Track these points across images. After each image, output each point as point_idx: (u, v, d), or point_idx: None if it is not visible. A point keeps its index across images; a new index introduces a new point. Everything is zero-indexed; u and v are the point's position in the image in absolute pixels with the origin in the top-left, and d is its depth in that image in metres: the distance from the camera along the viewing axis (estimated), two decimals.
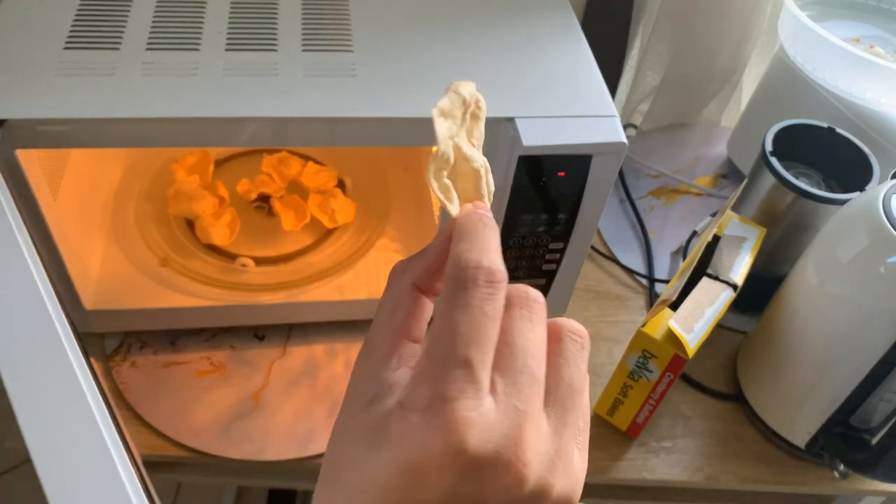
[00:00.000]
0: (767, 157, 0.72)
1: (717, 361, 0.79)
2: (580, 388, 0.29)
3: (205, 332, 0.75)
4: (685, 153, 1.02)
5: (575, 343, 0.29)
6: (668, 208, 0.94)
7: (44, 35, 0.58)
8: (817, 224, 0.71)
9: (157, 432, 0.67)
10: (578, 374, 0.29)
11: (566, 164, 0.57)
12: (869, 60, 0.74)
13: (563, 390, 0.28)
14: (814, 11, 0.84)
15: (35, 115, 0.51)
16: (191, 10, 0.63)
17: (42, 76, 0.54)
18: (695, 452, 0.72)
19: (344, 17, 0.64)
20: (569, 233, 0.63)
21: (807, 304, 0.65)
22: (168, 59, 0.57)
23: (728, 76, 0.99)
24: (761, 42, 0.96)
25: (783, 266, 0.75)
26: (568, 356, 0.29)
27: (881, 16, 0.86)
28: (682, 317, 0.63)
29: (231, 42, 0.60)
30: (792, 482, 0.71)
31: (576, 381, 0.29)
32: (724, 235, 0.72)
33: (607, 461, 0.71)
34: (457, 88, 0.31)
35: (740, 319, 0.81)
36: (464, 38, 0.63)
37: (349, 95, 0.56)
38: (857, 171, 0.72)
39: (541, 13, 0.67)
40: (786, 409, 0.70)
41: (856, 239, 0.60)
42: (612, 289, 0.85)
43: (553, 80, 0.60)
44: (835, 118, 0.77)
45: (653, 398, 0.66)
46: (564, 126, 0.56)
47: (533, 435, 0.26)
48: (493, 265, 0.27)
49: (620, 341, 0.80)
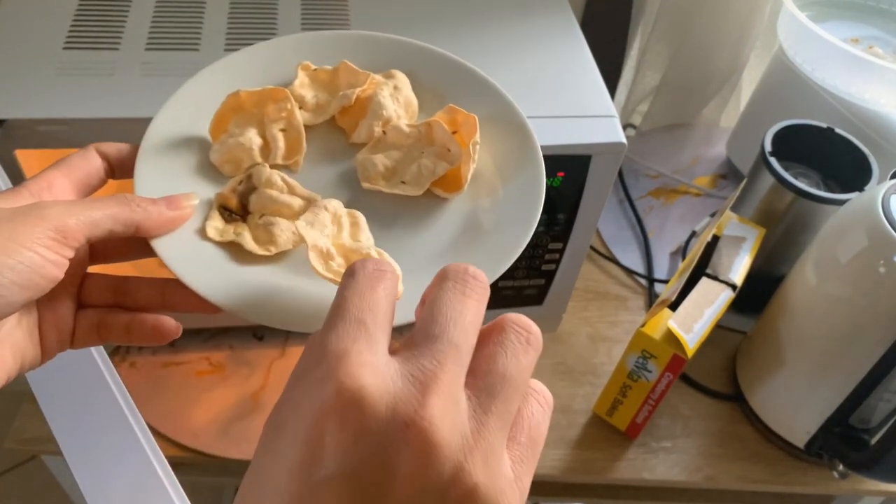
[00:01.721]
0: (767, 158, 0.72)
1: (717, 362, 0.79)
2: (515, 383, 0.26)
3: (204, 332, 0.75)
4: (684, 153, 1.02)
5: (518, 335, 0.27)
6: (668, 208, 0.94)
7: (43, 35, 0.58)
8: (816, 224, 0.71)
9: (157, 432, 0.67)
10: (516, 365, 0.26)
11: (565, 164, 0.57)
12: (868, 61, 0.74)
13: (493, 377, 0.25)
14: (813, 12, 0.84)
15: (35, 115, 0.51)
16: (190, 10, 0.63)
17: (42, 76, 0.54)
18: (694, 452, 0.72)
19: (343, 17, 0.64)
20: (568, 233, 0.63)
21: (806, 304, 0.65)
22: (167, 59, 0.57)
23: (727, 76, 0.99)
24: (760, 42, 0.96)
25: (782, 266, 0.75)
26: (507, 346, 0.26)
27: (880, 16, 0.87)
28: (681, 317, 0.63)
29: (230, 42, 0.60)
30: (791, 482, 0.71)
31: (510, 371, 0.26)
32: (723, 235, 0.72)
33: (607, 461, 0.71)
34: (324, 205, 0.36)
35: (739, 319, 0.81)
36: (463, 38, 0.63)
37: None
38: (856, 171, 0.72)
39: (540, 13, 0.67)
40: (785, 409, 0.70)
41: (855, 239, 0.60)
42: (611, 289, 0.85)
43: (552, 80, 0.60)
44: (834, 118, 0.77)
45: (652, 398, 0.66)
46: (564, 126, 0.56)
47: (442, 398, 0.24)
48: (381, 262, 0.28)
49: (620, 341, 0.80)
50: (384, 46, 0.44)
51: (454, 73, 0.43)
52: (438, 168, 0.39)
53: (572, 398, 0.75)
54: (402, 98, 0.41)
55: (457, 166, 0.38)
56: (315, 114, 0.41)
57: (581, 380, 0.76)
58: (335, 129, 0.42)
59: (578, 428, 0.72)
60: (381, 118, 0.40)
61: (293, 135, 0.40)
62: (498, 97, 0.42)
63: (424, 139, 0.40)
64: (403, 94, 0.41)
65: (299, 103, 0.41)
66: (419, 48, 0.44)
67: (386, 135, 0.40)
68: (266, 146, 0.40)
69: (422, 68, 0.43)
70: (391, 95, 0.41)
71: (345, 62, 0.42)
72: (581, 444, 0.71)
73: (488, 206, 0.38)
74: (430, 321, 0.26)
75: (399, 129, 0.40)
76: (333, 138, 0.42)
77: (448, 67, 0.43)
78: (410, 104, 0.42)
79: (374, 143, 0.40)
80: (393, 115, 0.40)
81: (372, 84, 0.41)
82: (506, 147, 0.40)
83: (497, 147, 0.40)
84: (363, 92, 0.41)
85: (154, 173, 0.37)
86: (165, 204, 0.35)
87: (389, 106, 0.40)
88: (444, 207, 0.39)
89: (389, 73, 0.42)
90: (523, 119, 0.40)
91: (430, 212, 0.39)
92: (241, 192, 0.38)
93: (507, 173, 0.39)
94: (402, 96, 0.41)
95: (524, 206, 0.37)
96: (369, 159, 0.39)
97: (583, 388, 0.75)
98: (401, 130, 0.40)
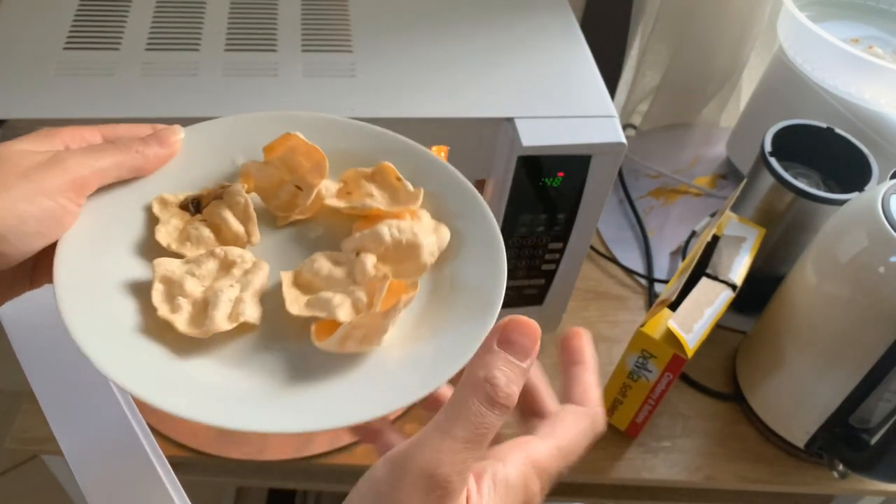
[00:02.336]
0: (766, 158, 0.72)
1: (717, 361, 0.79)
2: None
3: None
4: (684, 153, 1.02)
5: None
6: (668, 208, 0.94)
7: (44, 35, 0.58)
8: (816, 224, 0.72)
9: (157, 432, 0.67)
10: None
11: (565, 165, 0.57)
12: (868, 61, 0.74)
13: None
14: (813, 12, 0.84)
15: (35, 115, 0.51)
16: (190, 10, 0.63)
17: (42, 76, 0.54)
18: (694, 452, 0.72)
19: (344, 17, 0.64)
20: (568, 233, 0.63)
21: (806, 304, 0.65)
22: (168, 59, 0.57)
23: (727, 76, 0.99)
24: (760, 42, 0.96)
25: (782, 266, 0.75)
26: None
27: (880, 16, 0.87)
28: (681, 317, 0.63)
29: (231, 42, 0.60)
30: (791, 482, 0.71)
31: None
32: (723, 235, 0.73)
33: (606, 461, 0.71)
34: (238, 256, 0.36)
35: (739, 319, 0.81)
36: (463, 39, 0.63)
37: (349, 95, 0.56)
38: (856, 171, 0.72)
39: (540, 13, 0.67)
40: (785, 409, 0.70)
41: (855, 239, 0.60)
42: (611, 289, 0.85)
43: (552, 81, 0.60)
44: (834, 118, 0.77)
45: (652, 398, 0.66)
46: (564, 126, 0.56)
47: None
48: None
49: (619, 341, 0.80)
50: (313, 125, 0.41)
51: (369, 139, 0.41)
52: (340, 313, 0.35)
53: None
54: (405, 240, 0.37)
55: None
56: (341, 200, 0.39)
57: None
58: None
59: None
60: (378, 248, 0.37)
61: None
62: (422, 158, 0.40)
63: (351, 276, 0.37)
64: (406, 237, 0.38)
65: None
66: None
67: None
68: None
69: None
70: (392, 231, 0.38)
71: (384, 166, 0.39)
72: None
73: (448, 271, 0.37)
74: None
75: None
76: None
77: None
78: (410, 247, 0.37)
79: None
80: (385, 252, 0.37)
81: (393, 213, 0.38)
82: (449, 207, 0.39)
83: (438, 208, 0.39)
84: (372, 210, 0.38)
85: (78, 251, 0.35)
86: (157, 143, 0.36)
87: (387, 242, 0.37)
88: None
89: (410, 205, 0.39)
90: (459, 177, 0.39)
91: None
92: (216, 195, 0.38)
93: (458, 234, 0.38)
94: (405, 238, 0.37)
95: (487, 259, 0.36)
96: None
97: None
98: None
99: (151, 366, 0.32)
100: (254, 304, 0.35)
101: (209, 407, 0.31)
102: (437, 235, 0.38)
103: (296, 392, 0.32)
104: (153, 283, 0.34)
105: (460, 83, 0.58)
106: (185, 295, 0.34)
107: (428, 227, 0.38)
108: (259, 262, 0.37)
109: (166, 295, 0.34)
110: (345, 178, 0.40)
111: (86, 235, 0.35)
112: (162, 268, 0.35)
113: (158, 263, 0.35)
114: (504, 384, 0.27)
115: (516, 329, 0.29)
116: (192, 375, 0.33)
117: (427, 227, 0.38)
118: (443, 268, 0.38)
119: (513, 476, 0.28)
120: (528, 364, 0.29)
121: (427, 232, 0.37)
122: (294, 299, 0.35)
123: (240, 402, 0.32)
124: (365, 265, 0.36)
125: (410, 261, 0.37)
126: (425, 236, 0.37)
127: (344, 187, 0.40)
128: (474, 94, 0.58)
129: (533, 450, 0.30)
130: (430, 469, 0.26)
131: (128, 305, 0.34)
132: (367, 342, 0.33)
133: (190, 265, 0.36)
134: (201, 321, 0.34)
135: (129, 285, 0.35)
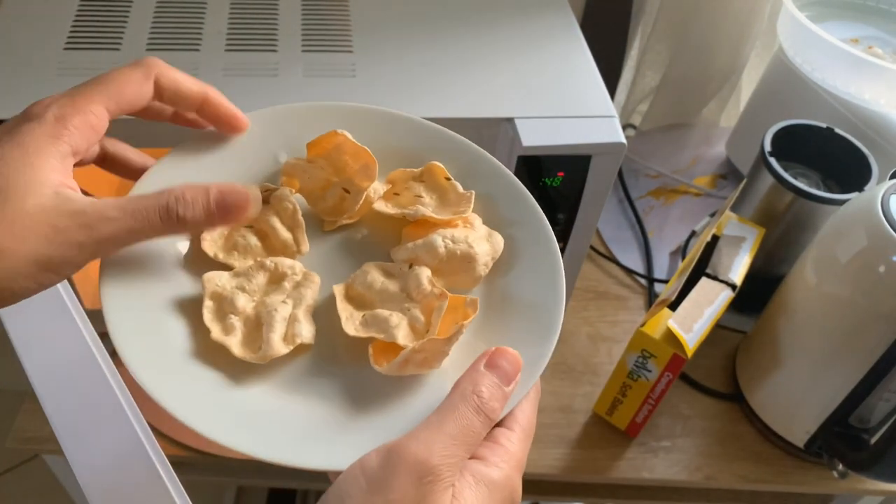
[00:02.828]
0: (766, 158, 0.72)
1: (717, 361, 0.79)
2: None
3: None
4: (684, 153, 1.02)
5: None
6: (668, 208, 0.94)
7: (44, 35, 0.58)
8: (816, 224, 0.72)
9: (158, 432, 0.67)
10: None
11: (565, 165, 0.57)
12: (868, 61, 0.74)
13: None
14: (813, 12, 0.84)
15: None
16: (191, 10, 0.63)
17: (42, 76, 0.55)
18: (694, 452, 0.72)
19: (344, 17, 0.64)
20: (568, 233, 0.63)
21: (806, 303, 0.65)
22: (168, 59, 0.57)
23: (727, 76, 0.99)
24: (760, 42, 0.96)
25: (782, 266, 0.75)
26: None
27: (880, 16, 0.87)
28: (681, 317, 0.64)
29: (231, 42, 0.60)
30: (791, 482, 0.71)
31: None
32: (723, 235, 0.73)
33: (606, 461, 0.71)
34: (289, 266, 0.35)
35: (739, 319, 0.81)
36: (463, 39, 0.63)
37: (349, 96, 0.56)
38: (856, 171, 0.72)
39: (540, 13, 0.67)
40: (785, 409, 0.70)
41: (854, 239, 0.60)
42: (611, 289, 0.85)
43: (552, 81, 0.60)
44: (833, 118, 0.77)
45: (652, 398, 0.67)
46: (564, 126, 0.56)
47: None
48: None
49: (619, 341, 0.80)
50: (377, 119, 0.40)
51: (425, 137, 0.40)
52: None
53: (572, 398, 0.75)
54: (460, 251, 0.36)
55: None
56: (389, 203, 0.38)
57: (581, 379, 0.76)
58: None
59: (578, 427, 0.72)
60: (433, 258, 0.36)
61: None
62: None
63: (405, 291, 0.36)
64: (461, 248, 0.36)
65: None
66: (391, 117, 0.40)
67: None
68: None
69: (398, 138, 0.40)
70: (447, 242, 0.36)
71: (433, 166, 0.38)
72: (581, 443, 0.71)
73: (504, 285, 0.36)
74: None
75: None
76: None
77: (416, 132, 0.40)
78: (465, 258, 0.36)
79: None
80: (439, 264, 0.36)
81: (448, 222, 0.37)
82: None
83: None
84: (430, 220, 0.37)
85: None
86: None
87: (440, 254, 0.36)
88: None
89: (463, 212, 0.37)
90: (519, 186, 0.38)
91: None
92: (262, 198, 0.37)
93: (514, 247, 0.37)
94: (459, 249, 0.36)
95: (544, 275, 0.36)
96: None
97: (583, 388, 0.75)
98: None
99: (208, 396, 0.31)
100: (308, 323, 0.34)
101: (273, 443, 0.30)
102: (490, 244, 0.37)
103: (358, 422, 0.32)
104: (203, 300, 0.33)
105: (460, 83, 0.58)
106: (237, 312, 0.33)
107: (481, 235, 0.37)
108: (310, 275, 0.35)
109: (217, 313, 0.33)
110: (392, 179, 0.39)
111: (129, 251, 0.34)
112: (212, 283, 0.34)
113: (208, 279, 0.34)
114: (488, 398, 0.31)
115: (503, 356, 0.32)
116: (249, 405, 0.32)
117: (480, 235, 0.37)
118: (494, 279, 0.36)
119: (496, 475, 0.30)
120: (509, 389, 0.32)
121: (480, 240, 0.36)
122: (349, 317, 0.34)
123: (303, 437, 0.31)
124: (420, 280, 0.35)
125: (465, 273, 0.36)
126: (479, 245, 0.36)
127: (391, 188, 0.39)
128: (474, 94, 0.58)
129: (508, 444, 0.32)
130: (423, 457, 0.28)
131: (178, 326, 0.33)
132: (427, 365, 0.33)
133: (240, 279, 0.34)
134: (255, 342, 0.33)
135: (177, 303, 0.34)
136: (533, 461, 0.69)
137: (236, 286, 0.34)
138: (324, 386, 0.33)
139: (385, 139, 0.39)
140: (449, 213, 0.37)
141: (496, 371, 0.31)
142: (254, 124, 0.38)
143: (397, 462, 0.28)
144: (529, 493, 0.75)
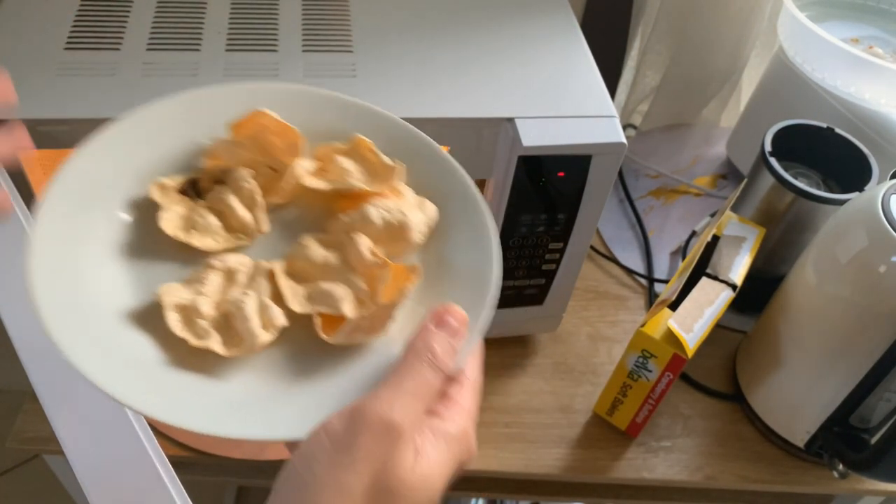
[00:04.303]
0: (767, 158, 0.72)
1: (717, 361, 0.79)
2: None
3: None
4: (684, 153, 1.02)
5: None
6: (668, 208, 0.94)
7: (44, 35, 0.58)
8: (816, 224, 0.72)
9: (158, 432, 0.67)
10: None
11: (566, 165, 0.57)
12: (868, 61, 0.74)
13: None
14: (813, 12, 0.84)
15: (36, 115, 0.51)
16: (191, 10, 0.63)
17: (43, 76, 0.54)
18: (694, 452, 0.72)
19: (344, 17, 0.64)
20: (568, 233, 0.63)
21: (806, 303, 0.65)
22: (168, 59, 0.57)
23: (727, 76, 0.99)
24: (760, 42, 0.96)
25: (782, 266, 0.75)
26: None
27: (880, 16, 0.87)
28: (681, 317, 0.64)
29: (231, 42, 0.60)
30: (791, 482, 0.71)
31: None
32: (723, 235, 0.73)
33: (607, 461, 0.71)
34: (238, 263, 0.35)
35: (739, 319, 0.81)
36: (463, 39, 0.63)
37: (349, 95, 0.56)
38: (856, 171, 0.72)
39: (540, 13, 0.67)
40: (785, 409, 0.70)
41: (855, 239, 0.60)
42: (611, 289, 0.85)
43: (552, 81, 0.60)
44: (834, 118, 0.77)
45: (652, 398, 0.67)
46: (564, 126, 0.56)
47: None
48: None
49: (620, 341, 0.80)
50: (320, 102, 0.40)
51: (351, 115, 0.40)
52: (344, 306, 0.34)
53: (572, 398, 0.75)
54: (396, 220, 0.36)
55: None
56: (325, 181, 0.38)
57: (581, 379, 0.76)
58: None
59: (579, 427, 0.72)
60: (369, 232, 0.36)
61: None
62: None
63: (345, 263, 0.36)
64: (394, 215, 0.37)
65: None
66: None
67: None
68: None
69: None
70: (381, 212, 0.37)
71: (358, 139, 0.38)
72: (581, 443, 0.71)
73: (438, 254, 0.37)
74: None
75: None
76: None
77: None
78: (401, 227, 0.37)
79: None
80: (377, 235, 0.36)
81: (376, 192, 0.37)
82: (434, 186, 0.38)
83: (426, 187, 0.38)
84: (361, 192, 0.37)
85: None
86: None
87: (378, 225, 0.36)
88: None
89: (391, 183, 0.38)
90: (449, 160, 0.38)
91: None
92: (215, 178, 0.37)
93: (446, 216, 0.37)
94: (395, 218, 0.36)
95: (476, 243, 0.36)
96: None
97: (583, 388, 0.76)
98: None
99: (194, 397, 0.32)
100: (276, 307, 0.34)
101: (223, 419, 0.31)
102: (423, 212, 0.37)
103: (311, 390, 0.32)
104: (166, 314, 0.33)
105: (461, 83, 0.58)
106: (203, 317, 0.33)
107: (413, 203, 0.37)
108: (259, 264, 0.36)
109: (185, 321, 0.33)
110: (319, 156, 0.39)
111: (58, 261, 0.32)
112: (170, 296, 0.33)
113: (165, 292, 0.33)
114: (441, 354, 0.32)
115: (449, 313, 0.33)
116: (200, 383, 0.32)
117: (412, 204, 0.37)
118: (428, 246, 0.37)
119: (452, 429, 0.31)
120: (459, 344, 0.33)
121: (413, 209, 0.37)
122: (293, 294, 0.34)
123: (259, 409, 0.31)
124: (360, 249, 0.35)
125: (401, 241, 0.36)
126: (413, 214, 0.36)
127: (320, 165, 0.39)
128: (475, 94, 0.58)
129: (463, 400, 0.33)
130: (385, 415, 0.29)
131: (139, 339, 0.33)
132: (374, 332, 0.34)
133: (194, 285, 0.34)
134: (235, 339, 0.33)
135: (129, 313, 0.33)
136: (533, 461, 0.69)
137: (193, 293, 0.34)
138: (273, 358, 0.33)
139: (308, 117, 0.39)
140: (378, 185, 0.37)
141: (445, 328, 0.33)
142: (172, 109, 0.38)
143: (360, 421, 0.29)
144: (529, 493, 0.75)
